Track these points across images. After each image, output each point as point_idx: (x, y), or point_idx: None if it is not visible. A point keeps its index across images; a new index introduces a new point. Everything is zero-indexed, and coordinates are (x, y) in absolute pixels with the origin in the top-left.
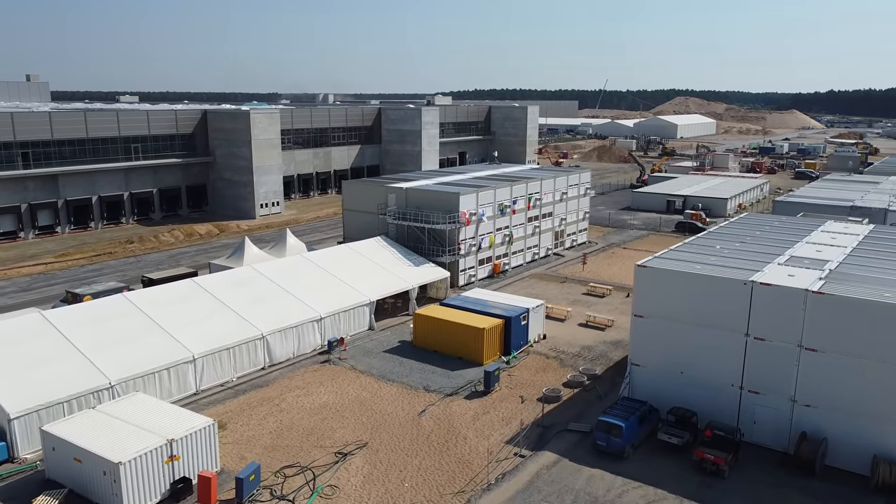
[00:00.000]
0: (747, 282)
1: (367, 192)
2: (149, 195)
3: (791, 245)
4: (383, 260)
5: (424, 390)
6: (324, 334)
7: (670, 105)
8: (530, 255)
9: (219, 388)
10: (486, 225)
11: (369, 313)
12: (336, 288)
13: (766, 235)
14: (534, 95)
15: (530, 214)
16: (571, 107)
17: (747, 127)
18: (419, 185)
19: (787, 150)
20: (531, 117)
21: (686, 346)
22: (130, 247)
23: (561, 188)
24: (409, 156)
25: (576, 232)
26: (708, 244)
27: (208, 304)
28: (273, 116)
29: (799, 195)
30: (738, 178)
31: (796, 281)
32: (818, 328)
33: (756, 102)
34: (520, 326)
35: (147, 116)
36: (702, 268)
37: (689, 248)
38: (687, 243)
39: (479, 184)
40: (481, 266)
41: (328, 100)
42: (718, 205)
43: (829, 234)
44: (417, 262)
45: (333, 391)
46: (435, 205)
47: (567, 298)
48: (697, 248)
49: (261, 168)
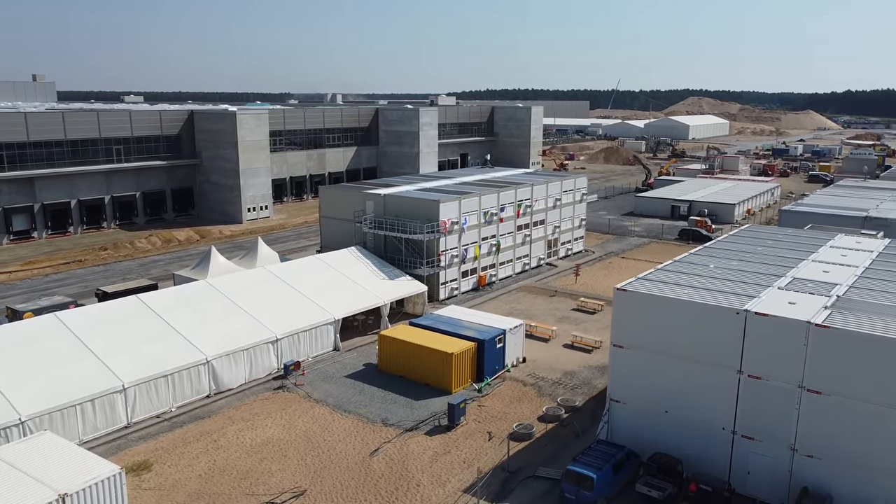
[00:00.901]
0: (740, 311)
1: (344, 199)
2: (131, 199)
3: (795, 264)
4: (355, 273)
5: (382, 424)
6: (280, 357)
7: (683, 105)
8: (520, 266)
9: (154, 419)
10: (470, 234)
11: (334, 332)
12: (298, 304)
13: (768, 252)
14: (546, 95)
15: (520, 222)
16: (583, 107)
17: (761, 128)
18: (398, 191)
19: (802, 152)
20: (535, 118)
21: (671, 383)
22: (103, 254)
23: (554, 194)
24: (407, 158)
25: (571, 240)
26: (701, 262)
27: (151, 325)
28: (261, 117)
29: (808, 204)
30: (747, 182)
31: (797, 310)
32: (822, 367)
33: (771, 102)
34: (494, 350)
35: (129, 117)
36: (690, 292)
37: (678, 268)
38: (678, 261)
39: (463, 190)
40: (465, 278)
41: (336, 99)
42: (725, 211)
43: (839, 250)
44: (393, 275)
45: (281, 424)
46: (414, 213)
47: (554, 315)
48: (688, 266)
49: (248, 171)
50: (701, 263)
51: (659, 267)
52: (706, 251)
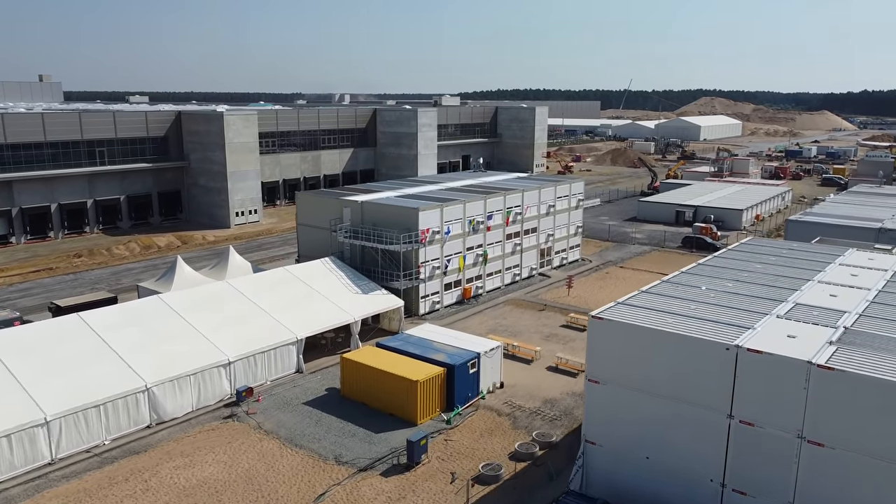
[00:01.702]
0: (730, 346)
1: (321, 206)
2: (115, 202)
3: (798, 286)
4: (326, 286)
5: (335, 461)
6: (234, 381)
7: (695, 106)
8: (510, 277)
9: (84, 454)
10: (453, 244)
11: (297, 353)
12: (258, 323)
13: (769, 271)
14: (557, 95)
15: (509, 230)
16: (593, 107)
17: (775, 128)
18: (377, 198)
19: (816, 154)
20: (539, 118)
21: (653, 425)
22: (77, 261)
23: (547, 200)
24: (405, 160)
25: (566, 249)
26: (692, 283)
27: (87, 347)
28: (249, 118)
29: (817, 213)
30: (757, 186)
31: (797, 346)
32: (826, 415)
33: (786, 103)
34: (466, 376)
35: (113, 118)
36: (675, 322)
37: (665, 289)
38: (666, 281)
39: (447, 197)
40: (448, 291)
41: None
42: (732, 216)
43: (849, 268)
44: (367, 289)
45: (223, 460)
46: (392, 221)
47: (541, 332)
48: (677, 288)
49: (236, 174)
50: (691, 285)
51: (644, 289)
52: (700, 269)
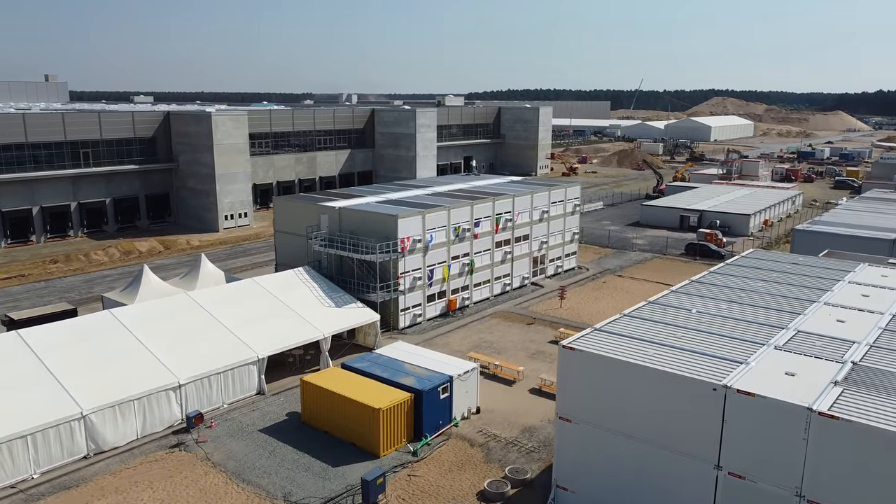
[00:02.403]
0: (718, 386)
1: (298, 211)
2: (101, 205)
3: (802, 309)
4: (296, 299)
5: (283, 500)
6: (185, 406)
7: (707, 106)
8: (499, 287)
9: (8, 490)
10: (437, 253)
11: (258, 373)
12: (217, 340)
13: (770, 290)
14: (568, 96)
15: (499, 238)
16: (603, 108)
17: (788, 129)
18: (356, 203)
19: (829, 155)
20: (543, 119)
21: (631, 472)
22: (52, 267)
23: (541, 205)
24: (404, 161)
25: (561, 257)
26: (682, 304)
27: (22, 369)
28: (239, 119)
29: (826, 222)
30: (767, 189)
31: (796, 388)
32: (828, 470)
33: (799, 103)
34: (437, 402)
35: (98, 119)
36: (657, 354)
37: (650, 313)
38: (653, 302)
39: (432, 202)
40: (431, 303)
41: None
42: (739, 222)
43: (860, 287)
44: (342, 302)
45: (160, 498)
46: (371, 228)
47: (527, 348)
48: (663, 312)
49: (224, 176)
50: (681, 307)
51: (626, 312)
52: (692, 287)
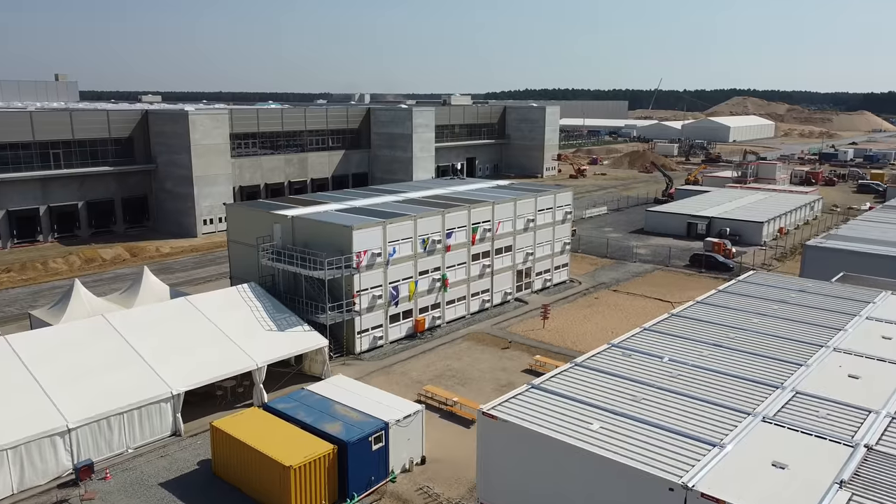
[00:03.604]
0: (676, 485)
1: (251, 220)
2: (73, 209)
3: (804, 358)
4: (233, 322)
5: None
6: (77, 453)
7: (727, 106)
8: (477, 305)
9: None
10: (402, 267)
11: (172, 412)
12: (127, 373)
13: (766, 328)
14: (586, 95)
15: (476, 250)
16: (621, 107)
17: (810, 129)
18: (312, 212)
19: (852, 157)
20: (550, 118)
21: None
22: (2, 277)
23: (525, 213)
24: (400, 163)
25: (550, 269)
26: (654, 349)
27: None
28: (219, 118)
29: (843, 236)
30: (784, 194)
31: (786, 492)
32: None
33: (823, 103)
34: (367, 454)
35: (70, 118)
36: (603, 429)
37: (608, 363)
38: (616, 346)
39: (397, 211)
40: (395, 324)
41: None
42: (751, 230)
43: (881, 325)
44: (286, 325)
45: None
46: (325, 241)
47: (497, 379)
48: (628, 362)
49: (203, 178)
50: (650, 353)
51: (578, 360)
52: (672, 323)
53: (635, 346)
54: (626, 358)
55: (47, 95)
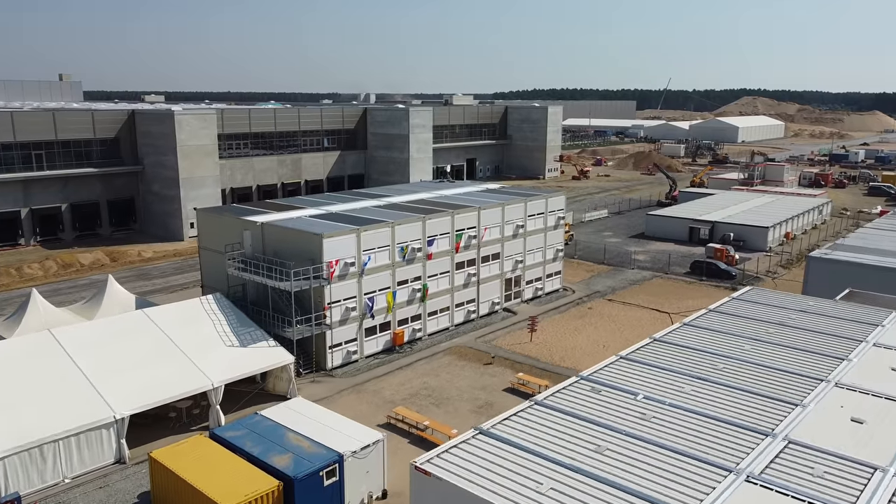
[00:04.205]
0: None
1: (221, 226)
2: (56, 211)
3: (800, 397)
4: (192, 337)
5: None
6: (3, 486)
7: (736, 106)
8: (462, 316)
9: None
10: (378, 277)
11: (115, 438)
12: (67, 395)
13: (759, 357)
14: (594, 95)
15: (461, 258)
16: (629, 107)
17: (821, 130)
18: (283, 218)
19: (863, 158)
20: (552, 118)
21: None
22: None
23: (514, 218)
24: (397, 164)
25: (542, 277)
26: (625, 384)
27: None
28: (206, 118)
29: (850, 246)
30: (791, 197)
31: None
32: None
33: (835, 103)
34: (318, 491)
35: (53, 118)
36: (559, 486)
37: (573, 401)
38: (585, 379)
39: (375, 217)
40: (371, 337)
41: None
42: (756, 235)
43: (889, 352)
44: (250, 340)
45: None
46: (294, 249)
47: (476, 399)
48: (595, 396)
49: (189, 180)
50: (623, 388)
51: (539, 398)
52: (650, 351)
53: (607, 380)
54: (596, 394)
55: (51, 95)
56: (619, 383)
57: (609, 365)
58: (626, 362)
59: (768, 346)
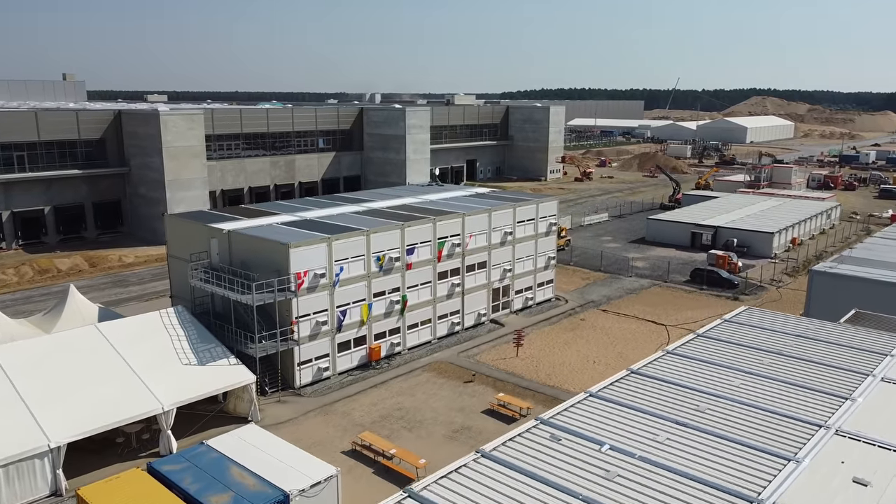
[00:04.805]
0: None
1: (188, 233)
2: (39, 214)
3: (794, 448)
4: (145, 355)
5: None
6: None
7: (745, 105)
8: (445, 328)
9: None
10: (352, 289)
11: (51, 469)
12: None
13: (747, 398)
14: (602, 95)
15: (444, 267)
16: (636, 107)
17: (831, 130)
18: (252, 225)
19: (874, 159)
20: (554, 119)
21: None
22: None
23: (502, 225)
24: (393, 165)
25: (532, 287)
26: (590, 429)
27: None
28: (193, 119)
29: (857, 258)
30: (799, 200)
31: None
32: None
33: (846, 103)
34: None
35: (35, 119)
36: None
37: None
38: (544, 424)
39: (350, 224)
40: (345, 353)
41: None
42: (761, 241)
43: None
44: (209, 357)
45: None
46: (261, 259)
47: (452, 422)
48: (551, 448)
49: (176, 182)
50: (586, 434)
51: (487, 448)
52: (625, 388)
53: (570, 423)
54: (555, 443)
55: (55, 95)
56: (582, 428)
57: (577, 404)
58: (594, 401)
59: (760, 381)
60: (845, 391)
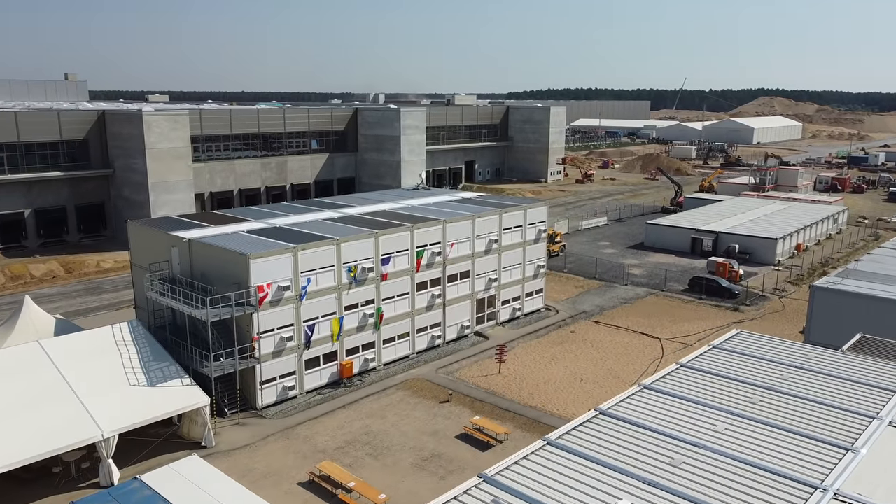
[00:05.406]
0: None
1: (150, 241)
2: (18, 217)
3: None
4: (89, 374)
5: None
6: None
7: (752, 106)
8: (425, 342)
9: None
10: (321, 302)
11: None
12: None
13: (734, 447)
14: (608, 95)
15: (422, 277)
16: (642, 108)
17: (840, 131)
18: (213, 234)
19: (884, 161)
20: (555, 119)
21: None
22: None
23: (487, 232)
24: (388, 166)
25: (520, 297)
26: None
27: None
28: (178, 120)
29: (863, 272)
30: (805, 203)
31: None
32: None
33: (855, 103)
34: None
35: (15, 119)
36: None
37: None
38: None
39: (321, 232)
40: (313, 370)
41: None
42: (764, 247)
43: None
44: (161, 378)
45: None
46: (221, 270)
47: (423, 449)
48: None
49: (159, 184)
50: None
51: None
52: (591, 432)
53: (548, 467)
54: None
55: (56, 95)
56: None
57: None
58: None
59: (748, 425)
60: (848, 440)
